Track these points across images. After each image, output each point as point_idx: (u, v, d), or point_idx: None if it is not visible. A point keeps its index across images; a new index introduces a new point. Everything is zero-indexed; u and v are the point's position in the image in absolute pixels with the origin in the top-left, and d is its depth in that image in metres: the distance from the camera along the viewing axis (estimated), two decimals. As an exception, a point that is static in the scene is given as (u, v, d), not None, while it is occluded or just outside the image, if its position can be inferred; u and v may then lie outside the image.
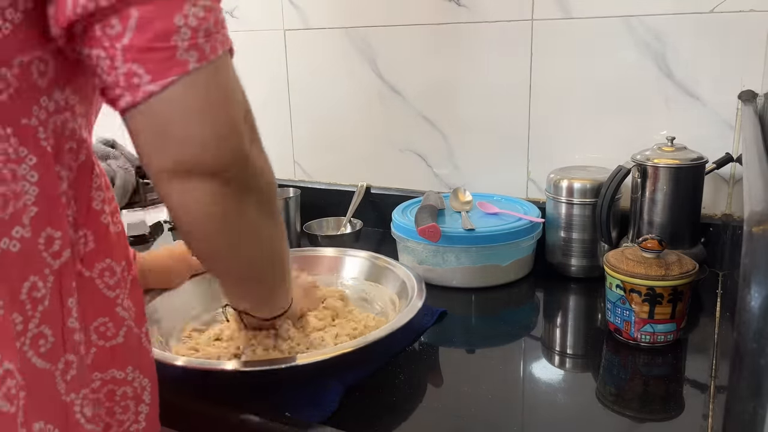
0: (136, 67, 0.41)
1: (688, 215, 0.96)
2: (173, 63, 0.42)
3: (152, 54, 0.41)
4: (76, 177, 0.48)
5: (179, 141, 0.43)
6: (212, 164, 0.45)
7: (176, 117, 0.43)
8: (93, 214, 0.50)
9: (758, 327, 0.35)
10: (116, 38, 0.41)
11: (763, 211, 0.41)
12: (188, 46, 0.42)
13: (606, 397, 0.72)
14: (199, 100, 0.43)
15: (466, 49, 1.16)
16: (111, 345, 0.52)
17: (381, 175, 1.30)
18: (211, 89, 0.44)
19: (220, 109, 0.44)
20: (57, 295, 0.46)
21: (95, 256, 0.50)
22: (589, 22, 1.05)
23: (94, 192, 0.50)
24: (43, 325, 0.45)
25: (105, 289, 0.51)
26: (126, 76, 0.42)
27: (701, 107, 1.02)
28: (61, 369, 0.47)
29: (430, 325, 0.86)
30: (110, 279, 0.51)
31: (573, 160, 1.11)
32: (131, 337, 0.53)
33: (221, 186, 0.46)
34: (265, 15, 1.32)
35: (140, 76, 0.42)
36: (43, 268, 0.45)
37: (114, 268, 0.51)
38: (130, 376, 0.54)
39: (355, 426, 0.66)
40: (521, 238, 1.00)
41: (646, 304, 0.78)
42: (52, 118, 0.46)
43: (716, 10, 0.97)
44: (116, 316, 0.52)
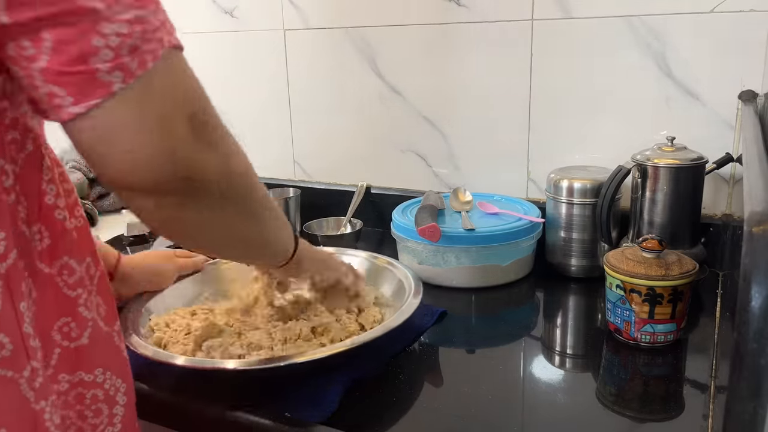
0: (57, 90, 0.39)
1: (688, 215, 0.96)
2: (95, 85, 0.39)
3: (72, 77, 0.39)
4: (23, 170, 0.46)
5: (112, 160, 0.42)
6: (150, 183, 0.43)
7: (105, 138, 0.41)
8: (46, 209, 0.47)
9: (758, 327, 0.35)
10: (32, 59, 0.39)
11: (763, 211, 0.41)
12: (110, 68, 0.39)
13: (606, 397, 0.72)
14: (127, 121, 0.41)
15: (466, 49, 1.16)
16: (75, 346, 0.50)
17: (381, 175, 1.30)
18: (141, 107, 0.41)
19: (154, 127, 0.42)
20: (8, 300, 0.44)
21: (52, 253, 0.48)
22: (589, 22, 1.05)
23: (46, 185, 0.47)
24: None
25: (65, 288, 0.49)
26: (48, 96, 0.40)
27: (701, 107, 1.02)
28: (26, 377, 0.45)
29: (430, 325, 0.86)
30: (69, 277, 0.49)
31: (573, 160, 1.11)
32: (98, 336, 0.52)
33: (162, 197, 0.44)
34: (265, 15, 1.32)
35: (62, 98, 0.39)
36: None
37: (73, 265, 0.49)
38: (100, 378, 0.52)
39: (355, 426, 0.66)
40: (521, 238, 1.00)
41: (646, 304, 0.78)
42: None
43: (716, 10, 0.97)
44: (79, 316, 0.50)
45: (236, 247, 0.58)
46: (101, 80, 0.39)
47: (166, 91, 0.42)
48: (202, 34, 1.38)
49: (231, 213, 0.51)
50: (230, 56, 1.37)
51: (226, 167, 0.47)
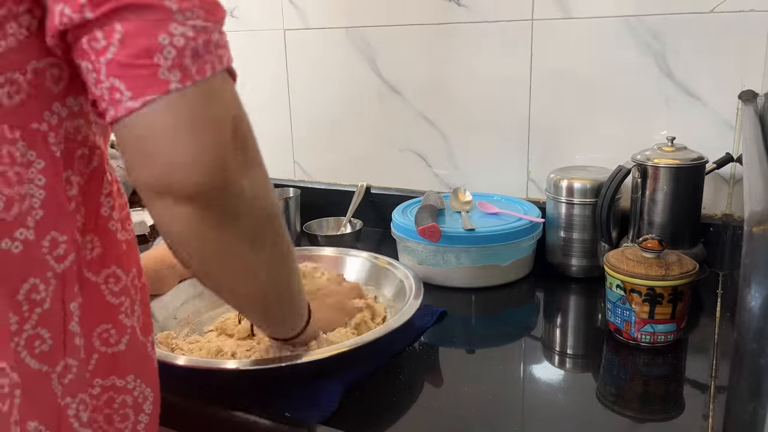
0: (117, 83, 0.41)
1: (688, 215, 0.96)
2: (154, 81, 0.41)
3: (134, 70, 0.41)
4: (87, 183, 0.49)
5: (157, 160, 0.43)
6: (190, 187, 0.43)
7: (156, 136, 0.42)
8: (101, 221, 0.50)
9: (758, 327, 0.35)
10: (101, 52, 0.41)
11: (764, 211, 0.41)
12: (171, 65, 0.41)
13: (606, 397, 0.72)
14: (179, 121, 0.42)
15: (466, 49, 1.16)
16: (113, 352, 0.51)
17: (381, 175, 1.30)
18: (194, 111, 0.42)
19: (203, 132, 0.43)
20: (59, 299, 0.46)
21: (101, 262, 0.50)
22: (589, 22, 1.05)
23: (104, 198, 0.50)
24: (39, 327, 0.45)
25: (109, 296, 0.51)
26: (109, 90, 0.41)
27: (701, 107, 1.02)
28: (58, 372, 0.46)
29: (430, 325, 0.86)
30: (115, 286, 0.51)
31: (573, 160, 1.11)
32: (135, 345, 0.53)
33: (199, 210, 0.45)
34: (265, 15, 1.32)
35: (121, 92, 0.41)
36: (45, 270, 0.45)
37: (120, 275, 0.51)
38: (131, 385, 0.53)
39: (355, 426, 0.66)
40: (521, 238, 1.00)
41: (647, 304, 0.78)
42: (64, 124, 0.46)
43: (716, 10, 0.97)
44: (120, 324, 0.51)
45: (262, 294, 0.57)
46: (160, 77, 0.41)
47: (217, 106, 0.44)
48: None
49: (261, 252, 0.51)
50: (230, 56, 1.37)
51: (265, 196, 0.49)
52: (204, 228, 0.46)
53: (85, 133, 0.48)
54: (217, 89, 0.44)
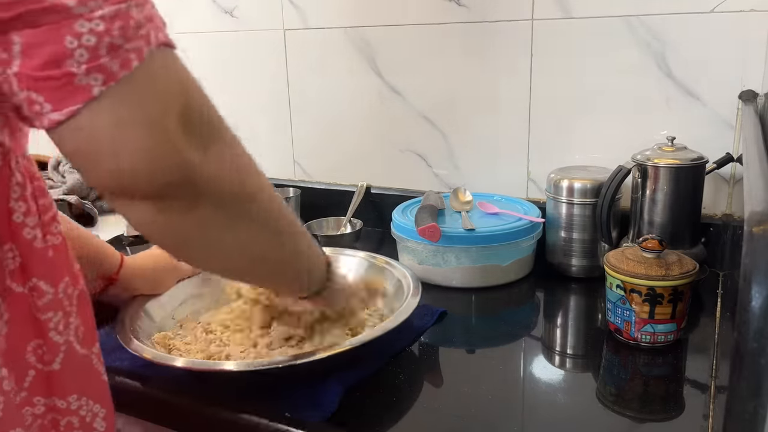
0: (34, 96, 0.37)
1: (689, 215, 0.96)
2: (73, 89, 0.37)
3: (47, 82, 0.36)
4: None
5: (102, 167, 0.39)
6: (144, 188, 0.41)
7: (92, 144, 0.38)
8: (15, 228, 0.45)
9: (758, 327, 0.35)
10: (5, 64, 0.36)
11: (764, 211, 0.41)
12: (88, 69, 0.36)
13: (606, 397, 0.72)
14: (114, 125, 0.38)
15: (466, 49, 1.16)
16: (48, 370, 0.47)
17: (381, 175, 1.30)
18: (128, 110, 0.38)
19: (144, 129, 0.39)
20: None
21: (23, 274, 0.46)
22: (589, 22, 1.05)
23: (14, 203, 0.45)
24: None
25: (35, 312, 0.46)
26: (27, 102, 0.37)
27: (701, 107, 1.02)
28: None
29: (430, 325, 0.86)
30: (39, 300, 0.46)
31: (573, 160, 1.11)
32: (73, 361, 0.49)
33: (163, 202, 0.42)
34: (265, 15, 1.32)
35: (41, 105, 0.37)
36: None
37: (43, 288, 0.46)
38: (75, 405, 0.49)
39: (355, 426, 0.66)
40: (521, 238, 1.00)
41: (647, 304, 0.78)
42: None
43: (716, 10, 0.97)
44: (50, 341, 0.47)
45: (253, 267, 0.54)
46: (79, 84, 0.37)
47: (154, 93, 0.40)
48: (202, 34, 1.38)
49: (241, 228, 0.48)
50: (230, 56, 1.37)
51: (234, 170, 0.45)
52: (169, 219, 0.43)
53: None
54: (150, 76, 0.39)
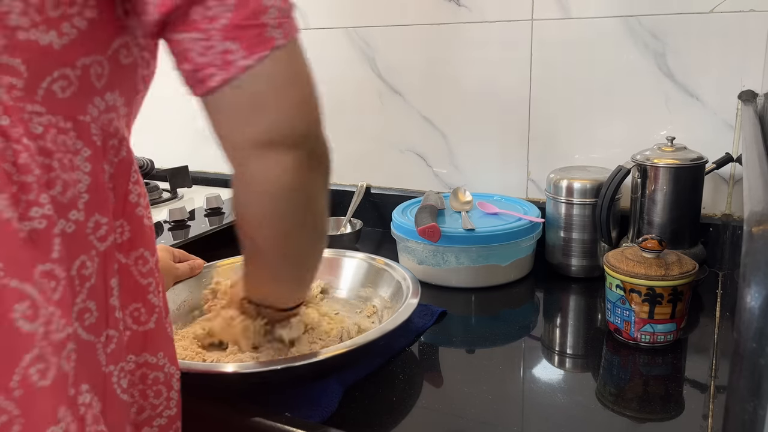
0: (231, 45, 0.46)
1: (688, 215, 0.96)
2: (264, 39, 0.46)
3: (246, 31, 0.46)
4: (116, 171, 0.52)
5: (269, 112, 0.48)
6: (295, 134, 0.50)
7: (268, 89, 0.48)
8: (129, 207, 0.53)
9: (758, 327, 0.35)
10: (214, 19, 0.45)
11: (763, 211, 0.41)
12: (276, 24, 0.47)
13: (606, 397, 0.72)
14: (286, 73, 0.48)
15: (466, 49, 1.16)
16: (144, 330, 0.54)
17: (381, 175, 1.30)
18: (294, 64, 0.49)
19: (302, 82, 0.50)
20: (102, 275, 0.50)
21: (130, 245, 0.53)
22: (589, 22, 1.05)
23: (132, 186, 0.53)
24: (88, 300, 0.48)
25: (139, 277, 0.54)
26: (222, 54, 0.46)
27: (701, 107, 1.02)
28: (102, 342, 0.49)
29: (429, 325, 0.86)
30: (143, 267, 0.54)
31: (573, 160, 1.11)
32: (162, 324, 0.56)
33: (300, 156, 0.50)
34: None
35: (234, 53, 0.46)
36: (90, 249, 0.49)
37: (147, 257, 0.54)
38: (161, 362, 0.56)
39: (355, 426, 0.66)
40: (521, 238, 1.00)
41: (646, 304, 0.78)
42: (101, 117, 0.50)
43: (716, 10, 0.97)
44: (149, 303, 0.55)
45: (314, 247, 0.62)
46: (268, 36, 0.47)
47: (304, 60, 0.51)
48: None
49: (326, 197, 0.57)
50: (230, 56, 1.37)
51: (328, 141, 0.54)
52: (303, 172, 0.51)
53: (115, 126, 0.51)
54: (301, 46, 0.51)
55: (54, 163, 0.46)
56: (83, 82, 0.47)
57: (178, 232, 1.12)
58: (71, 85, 0.47)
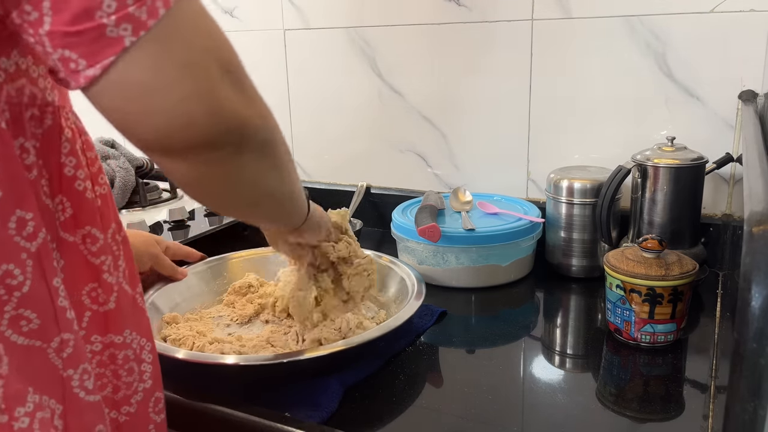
0: (67, 53, 0.37)
1: (688, 215, 0.96)
2: (106, 42, 0.36)
3: (79, 37, 0.36)
4: (43, 144, 0.45)
5: (143, 123, 0.39)
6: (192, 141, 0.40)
7: (130, 98, 0.38)
8: (66, 181, 0.47)
9: (758, 327, 0.35)
10: (36, 24, 0.37)
11: (764, 211, 0.41)
12: (117, 20, 0.36)
13: (606, 397, 0.72)
14: (151, 74, 0.38)
15: (466, 49, 1.16)
16: (104, 310, 0.51)
17: (381, 175, 1.30)
18: (162, 59, 0.38)
19: (182, 78, 0.38)
20: (41, 279, 0.44)
21: (75, 223, 0.48)
22: (589, 22, 1.05)
23: (65, 158, 0.47)
24: (21, 308, 0.43)
25: (89, 256, 0.49)
26: (62, 62, 0.37)
27: (701, 107, 1.02)
28: (54, 347, 0.46)
29: (430, 325, 0.86)
30: (93, 246, 0.49)
31: (573, 160, 1.11)
32: (124, 300, 0.53)
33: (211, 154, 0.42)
34: (265, 15, 1.32)
35: (76, 62, 0.37)
36: (18, 253, 0.42)
37: (96, 234, 0.49)
38: (129, 339, 0.54)
39: (355, 426, 0.66)
40: (521, 238, 1.00)
41: (647, 304, 0.78)
42: (4, 88, 0.42)
43: (716, 10, 0.97)
44: (104, 283, 0.51)
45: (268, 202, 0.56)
46: (110, 36, 0.36)
47: (188, 38, 0.39)
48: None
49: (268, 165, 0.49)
50: (230, 56, 1.37)
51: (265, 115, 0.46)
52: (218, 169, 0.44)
53: (30, 92, 0.44)
54: (179, 22, 0.39)
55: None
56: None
57: (177, 232, 1.12)
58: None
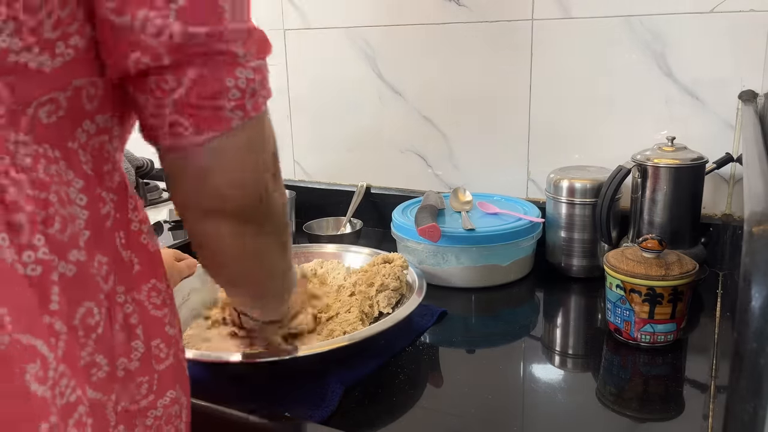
0: (182, 120, 0.43)
1: (688, 215, 0.96)
2: (218, 119, 0.44)
3: (200, 111, 0.43)
4: (117, 198, 0.48)
5: (214, 188, 0.46)
6: (237, 208, 0.48)
7: (214, 168, 0.45)
8: (133, 236, 0.50)
9: (758, 327, 0.35)
10: (168, 92, 0.42)
11: (763, 211, 0.41)
12: (234, 107, 0.44)
13: (606, 397, 0.72)
14: (236, 153, 0.46)
15: (466, 49, 1.16)
16: (164, 367, 0.51)
17: (381, 175, 1.30)
18: (249, 144, 0.46)
19: (254, 161, 0.47)
20: (109, 321, 0.46)
21: (141, 278, 0.50)
22: (589, 22, 1.05)
23: (131, 213, 0.50)
24: (96, 353, 0.44)
25: (153, 310, 0.50)
26: (171, 124, 0.43)
27: (701, 107, 1.02)
28: (113, 400, 0.46)
29: (430, 325, 0.86)
30: (157, 299, 0.51)
31: (573, 160, 1.11)
32: (178, 354, 0.53)
33: (242, 225, 0.49)
34: (265, 15, 1.32)
35: (185, 127, 0.43)
36: (97, 293, 0.44)
37: (159, 287, 0.51)
38: (176, 394, 0.53)
39: (355, 426, 0.66)
40: (521, 238, 1.00)
41: (647, 304, 0.78)
42: (91, 141, 0.46)
43: (716, 10, 0.97)
44: (166, 336, 0.51)
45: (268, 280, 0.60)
46: (225, 116, 0.44)
47: (266, 135, 0.49)
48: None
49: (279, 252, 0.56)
50: (230, 56, 1.37)
51: (285, 207, 0.54)
52: (246, 237, 0.50)
53: (107, 149, 0.48)
54: (266, 121, 0.49)
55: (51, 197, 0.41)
56: (72, 104, 0.43)
57: (178, 232, 1.12)
58: (59, 109, 0.42)
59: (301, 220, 1.24)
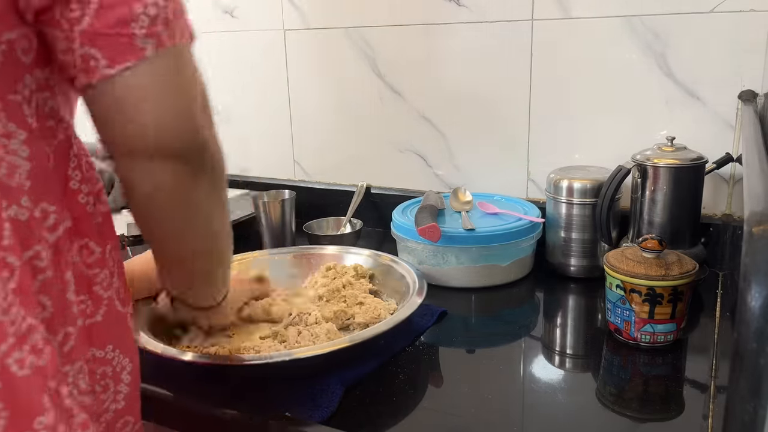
0: (93, 51, 0.43)
1: (688, 215, 0.96)
2: (131, 49, 0.43)
3: (109, 39, 0.43)
4: (56, 155, 0.49)
5: (138, 124, 0.45)
6: (172, 146, 0.47)
7: (135, 98, 0.45)
8: (69, 194, 0.50)
9: (758, 327, 0.35)
10: (75, 21, 0.42)
11: (763, 211, 0.41)
12: (146, 34, 0.44)
13: (606, 397, 0.72)
14: (156, 85, 0.45)
15: (466, 49, 1.16)
16: (90, 323, 0.52)
17: (381, 175, 1.30)
18: (170, 75, 0.46)
19: (178, 94, 0.46)
20: (57, 268, 0.47)
21: (73, 235, 0.50)
22: (589, 22, 1.05)
23: (71, 171, 0.51)
24: (41, 294, 0.45)
25: (84, 268, 0.51)
26: (83, 58, 0.43)
27: (701, 107, 1.02)
28: (59, 341, 0.47)
29: (429, 325, 0.86)
30: (88, 258, 0.52)
31: (573, 160, 1.11)
32: (112, 316, 0.54)
33: (179, 165, 0.49)
34: (265, 15, 1.32)
35: (97, 60, 0.43)
36: (42, 240, 0.46)
37: (92, 247, 0.52)
38: (110, 355, 0.54)
39: (355, 426, 0.66)
40: (521, 238, 1.00)
41: (646, 304, 0.78)
42: (34, 96, 0.47)
43: (716, 10, 0.97)
44: (94, 295, 0.52)
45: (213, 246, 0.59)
46: (136, 45, 0.43)
47: (188, 70, 0.48)
48: (202, 34, 1.37)
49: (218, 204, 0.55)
50: (230, 56, 1.37)
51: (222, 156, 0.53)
52: (184, 181, 0.50)
53: (51, 105, 0.48)
54: (187, 55, 0.48)
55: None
56: (9, 58, 0.44)
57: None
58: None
59: (301, 220, 1.23)
